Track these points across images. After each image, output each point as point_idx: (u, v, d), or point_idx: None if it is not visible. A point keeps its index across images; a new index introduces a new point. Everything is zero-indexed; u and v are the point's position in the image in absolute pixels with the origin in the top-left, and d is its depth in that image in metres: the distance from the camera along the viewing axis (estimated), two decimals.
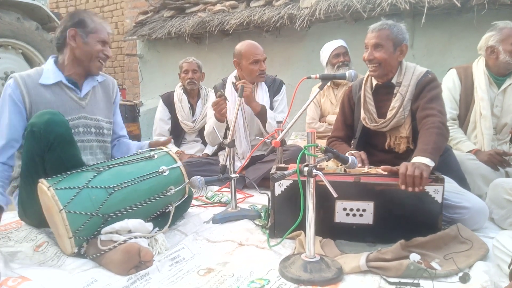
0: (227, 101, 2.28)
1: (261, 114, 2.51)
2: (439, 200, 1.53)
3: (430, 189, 1.53)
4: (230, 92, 2.61)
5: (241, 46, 2.54)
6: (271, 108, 2.66)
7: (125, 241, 1.42)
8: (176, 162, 1.74)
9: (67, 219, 1.38)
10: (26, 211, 1.74)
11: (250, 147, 2.63)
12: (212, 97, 3.38)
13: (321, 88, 1.68)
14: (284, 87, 2.75)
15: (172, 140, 3.27)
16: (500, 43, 2.20)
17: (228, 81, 2.67)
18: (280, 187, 1.65)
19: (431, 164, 1.55)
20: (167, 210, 1.67)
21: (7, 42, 4.11)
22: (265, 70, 2.57)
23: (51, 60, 1.81)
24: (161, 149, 1.81)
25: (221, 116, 2.37)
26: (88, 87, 1.85)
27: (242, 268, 1.40)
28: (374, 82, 1.97)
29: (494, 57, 2.23)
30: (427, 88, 1.83)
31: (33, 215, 1.73)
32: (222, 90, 2.33)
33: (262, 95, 2.61)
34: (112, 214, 1.48)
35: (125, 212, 1.51)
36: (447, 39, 3.80)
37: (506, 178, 1.99)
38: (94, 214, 1.44)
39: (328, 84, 3.04)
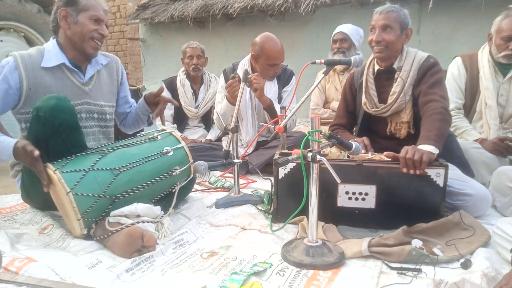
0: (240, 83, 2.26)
1: (270, 109, 2.49)
2: (441, 184, 1.53)
3: (432, 172, 1.53)
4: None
5: (265, 42, 2.43)
6: (280, 98, 2.63)
7: (132, 224, 1.44)
8: (180, 143, 1.74)
9: (74, 201, 1.39)
10: (29, 194, 1.76)
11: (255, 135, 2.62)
12: (215, 83, 3.36)
13: (325, 73, 1.66)
14: (294, 78, 2.70)
15: (175, 125, 3.28)
16: (495, 33, 2.16)
17: (240, 66, 2.61)
18: (283, 169, 1.66)
19: (435, 151, 1.55)
20: (173, 191, 1.68)
21: (9, 25, 4.08)
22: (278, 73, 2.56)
23: (53, 41, 1.75)
24: (164, 130, 1.81)
25: (233, 98, 2.36)
26: (92, 71, 1.80)
27: (245, 252, 1.42)
28: (376, 67, 1.96)
29: (490, 45, 2.19)
30: (429, 73, 1.82)
31: (36, 198, 1.75)
32: (236, 72, 2.31)
33: (270, 85, 2.58)
34: (119, 195, 1.49)
35: (131, 193, 1.52)
36: (454, 24, 3.74)
37: (510, 166, 1.98)
38: (101, 195, 1.45)
39: (336, 69, 3.02)
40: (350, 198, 1.60)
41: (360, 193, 1.59)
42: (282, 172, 1.66)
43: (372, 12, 1.91)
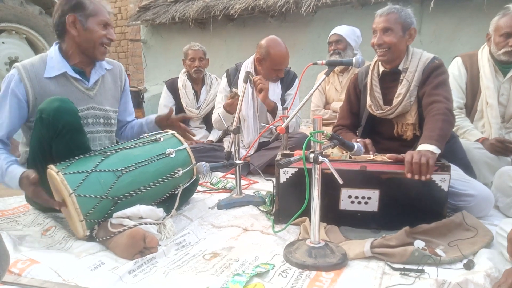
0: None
1: (274, 112, 2.51)
2: (445, 189, 1.53)
3: (437, 177, 1.52)
4: (241, 80, 2.56)
5: (272, 46, 2.44)
6: (283, 101, 2.62)
7: (134, 225, 1.44)
8: (183, 144, 1.74)
9: (77, 202, 1.40)
10: None
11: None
12: (216, 84, 3.36)
13: (327, 74, 1.66)
14: (297, 80, 2.69)
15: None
16: (493, 32, 2.16)
17: (243, 67, 2.61)
18: (285, 174, 1.65)
19: (437, 151, 1.54)
20: (176, 192, 1.68)
21: (11, 27, 4.10)
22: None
23: (55, 47, 1.74)
24: (167, 132, 1.82)
25: (230, 110, 2.38)
26: (96, 76, 1.79)
27: (247, 253, 1.42)
28: (381, 68, 1.95)
29: (490, 44, 2.19)
30: (433, 74, 1.81)
31: None
32: (235, 90, 2.33)
33: (273, 87, 2.57)
34: (121, 196, 1.49)
35: (134, 195, 1.52)
36: (455, 24, 3.73)
37: None
38: (103, 197, 1.45)
39: (335, 70, 3.02)
40: (352, 202, 1.59)
41: (363, 197, 1.58)
42: (283, 176, 1.65)
43: (373, 12, 1.91)
